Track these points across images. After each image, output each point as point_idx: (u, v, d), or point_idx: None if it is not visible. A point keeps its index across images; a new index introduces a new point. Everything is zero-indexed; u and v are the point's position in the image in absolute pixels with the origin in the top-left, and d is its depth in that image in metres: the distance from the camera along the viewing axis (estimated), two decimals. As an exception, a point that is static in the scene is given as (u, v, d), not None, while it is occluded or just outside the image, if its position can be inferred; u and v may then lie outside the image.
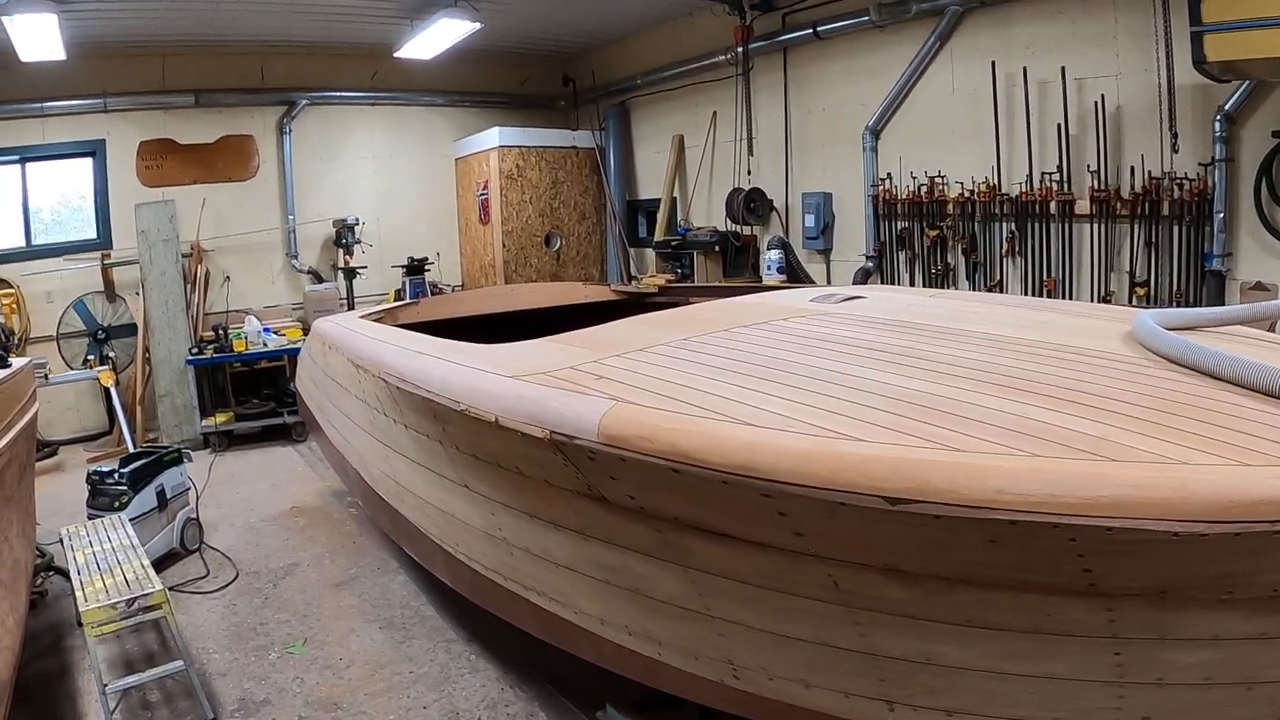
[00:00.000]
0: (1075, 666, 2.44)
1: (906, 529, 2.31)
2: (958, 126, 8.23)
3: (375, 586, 6.23)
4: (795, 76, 9.92)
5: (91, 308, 10.95)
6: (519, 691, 4.76)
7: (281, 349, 10.67)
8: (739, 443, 2.54)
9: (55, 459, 10.19)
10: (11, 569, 4.73)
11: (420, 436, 4.33)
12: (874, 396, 2.75)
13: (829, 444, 2.44)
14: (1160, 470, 2.11)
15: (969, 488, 2.18)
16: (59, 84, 10.33)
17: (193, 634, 5.54)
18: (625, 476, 2.87)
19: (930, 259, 8.45)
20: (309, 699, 4.81)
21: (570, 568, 3.57)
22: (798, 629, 2.83)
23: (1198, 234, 6.60)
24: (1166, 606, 2.27)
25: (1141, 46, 6.71)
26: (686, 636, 3.21)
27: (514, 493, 3.65)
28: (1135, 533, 2.05)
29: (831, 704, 2.91)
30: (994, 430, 2.40)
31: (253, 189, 11.95)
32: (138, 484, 6.52)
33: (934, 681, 2.66)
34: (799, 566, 2.65)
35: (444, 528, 4.65)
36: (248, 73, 11.67)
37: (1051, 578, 2.28)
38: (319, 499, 8.32)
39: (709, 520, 2.77)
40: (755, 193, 10.25)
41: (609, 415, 2.86)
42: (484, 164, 12.43)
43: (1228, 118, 6.29)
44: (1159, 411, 2.43)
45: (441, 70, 12.28)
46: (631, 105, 12.78)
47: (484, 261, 12.80)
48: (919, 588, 2.49)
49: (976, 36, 8.01)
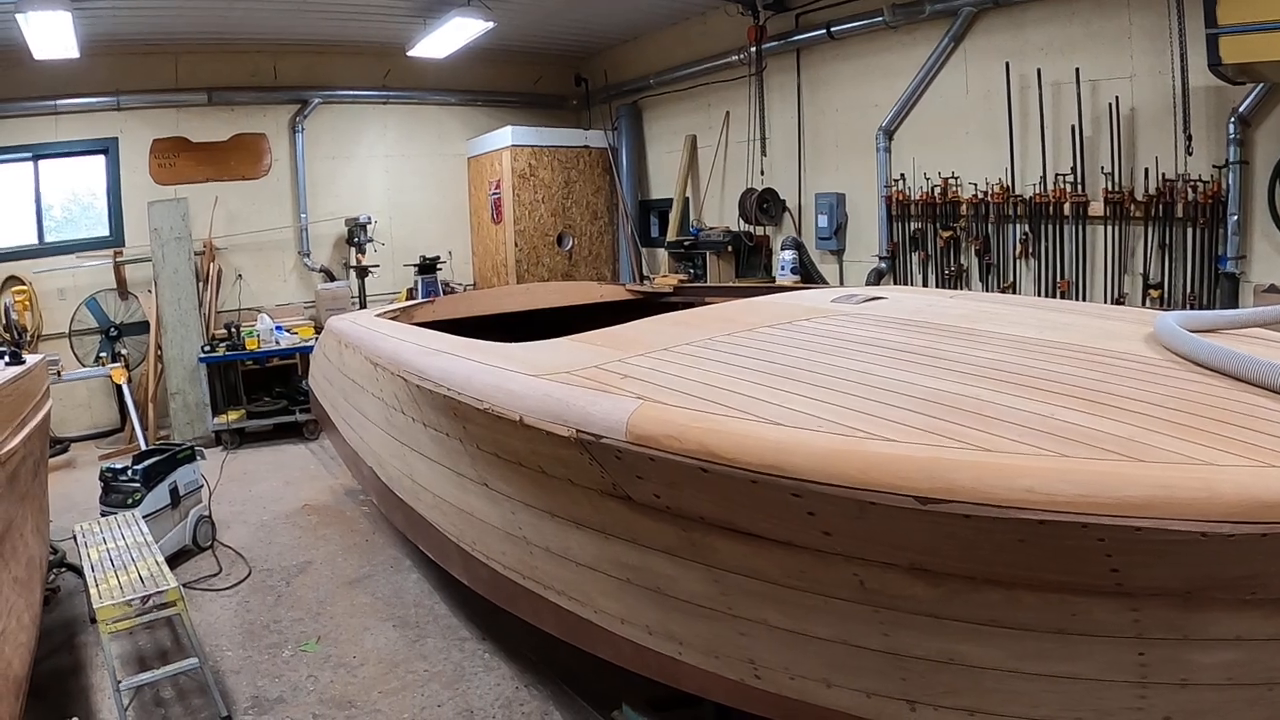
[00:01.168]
0: (1099, 667, 2.44)
1: (935, 528, 2.32)
2: (971, 127, 8.23)
3: (388, 585, 6.24)
4: (808, 77, 9.92)
5: (104, 305, 11.00)
6: (533, 691, 4.77)
7: (293, 347, 10.72)
8: (769, 442, 2.54)
9: (67, 456, 10.22)
10: (27, 565, 4.75)
11: (440, 435, 4.33)
12: (901, 396, 2.76)
13: (859, 443, 2.45)
14: (1187, 471, 2.12)
15: (999, 487, 2.18)
16: (72, 82, 10.37)
17: (205, 631, 5.55)
18: (652, 476, 2.87)
19: (943, 260, 8.45)
20: (323, 697, 4.82)
21: (591, 567, 3.57)
22: (821, 628, 2.83)
23: (1211, 236, 6.59)
24: (1191, 607, 2.27)
25: (1156, 48, 6.70)
26: (708, 636, 3.21)
27: (535, 491, 3.65)
28: (1162, 533, 2.05)
29: (853, 704, 2.91)
30: (1021, 430, 2.41)
31: (265, 187, 11.99)
32: (151, 481, 6.53)
33: (956, 681, 2.66)
34: (825, 565, 2.65)
35: (462, 526, 4.65)
36: (260, 71, 11.70)
37: (1079, 578, 2.28)
38: (331, 497, 8.33)
39: (735, 519, 2.77)
40: (768, 193, 10.26)
41: (637, 414, 2.87)
42: (496, 163, 12.45)
43: (1242, 120, 6.27)
44: (1184, 413, 2.43)
45: (454, 69, 12.32)
46: (644, 105, 12.80)
47: (496, 261, 12.82)
48: (945, 587, 2.49)
49: (990, 37, 8.01)
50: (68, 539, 6.12)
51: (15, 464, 4.61)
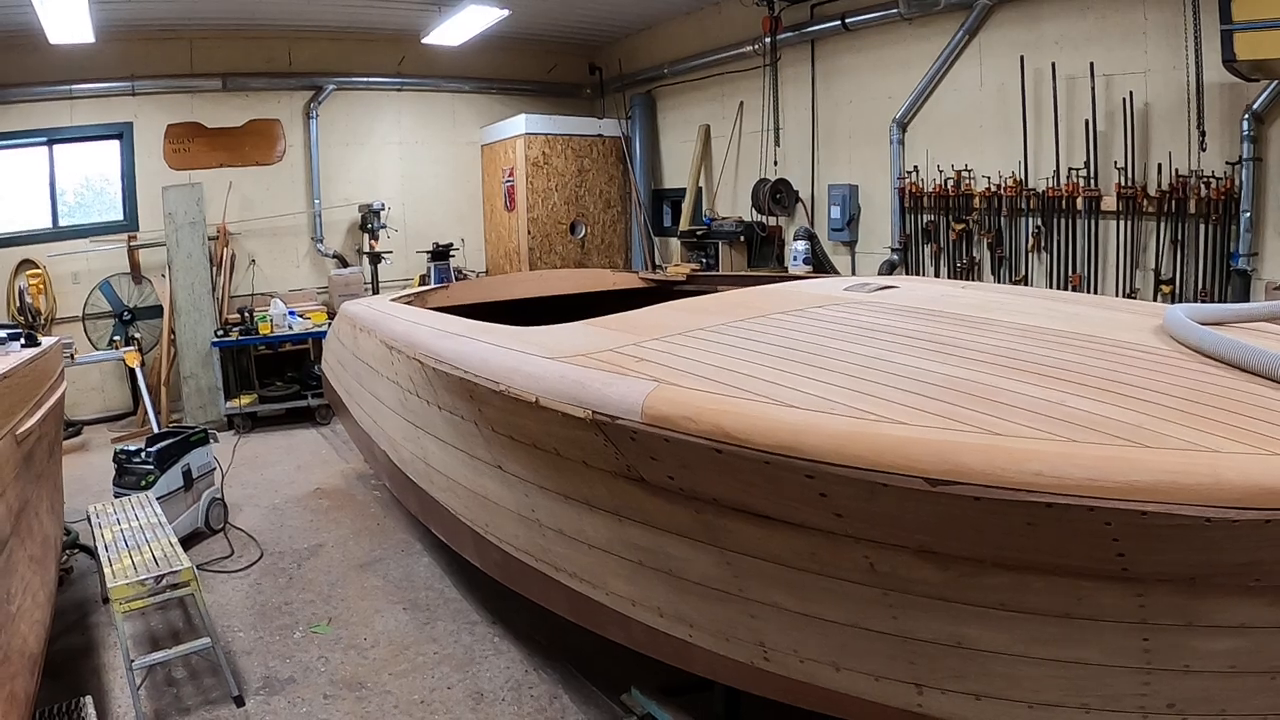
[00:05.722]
0: (1104, 652, 2.46)
1: (945, 510, 2.34)
2: (985, 121, 8.23)
3: (399, 568, 6.29)
4: (823, 68, 9.93)
5: (117, 289, 11.06)
6: (543, 674, 4.80)
7: (306, 332, 10.76)
8: (783, 424, 2.57)
9: (80, 438, 10.29)
10: (42, 544, 4.78)
11: (454, 418, 4.36)
12: (913, 381, 2.78)
13: (871, 426, 2.47)
14: (1193, 457, 2.14)
15: (1008, 470, 2.21)
16: (87, 66, 10.42)
17: (217, 612, 5.59)
18: (666, 457, 2.89)
19: (955, 253, 8.46)
20: (333, 678, 4.86)
21: (604, 549, 3.59)
22: (831, 611, 2.86)
23: (1224, 233, 6.58)
24: (1195, 593, 2.28)
25: (1171, 44, 6.70)
26: (719, 618, 3.23)
27: (550, 474, 3.67)
28: (1168, 518, 2.08)
29: (862, 687, 2.94)
30: (1031, 416, 2.43)
31: (279, 173, 12.03)
32: (164, 463, 6.58)
33: (964, 665, 2.68)
34: (836, 548, 2.67)
35: (475, 509, 4.67)
36: (275, 57, 11.74)
37: (1085, 562, 2.30)
38: (343, 481, 8.38)
39: (748, 501, 2.79)
40: (781, 183, 10.26)
41: (653, 395, 2.89)
42: (510, 151, 12.47)
43: (1256, 117, 6.27)
44: (1192, 402, 2.45)
45: (468, 57, 12.34)
46: (658, 94, 12.80)
47: (509, 248, 12.85)
48: (953, 570, 2.51)
49: (1005, 31, 8.00)
50: (81, 520, 6.17)
51: (31, 444, 4.64)
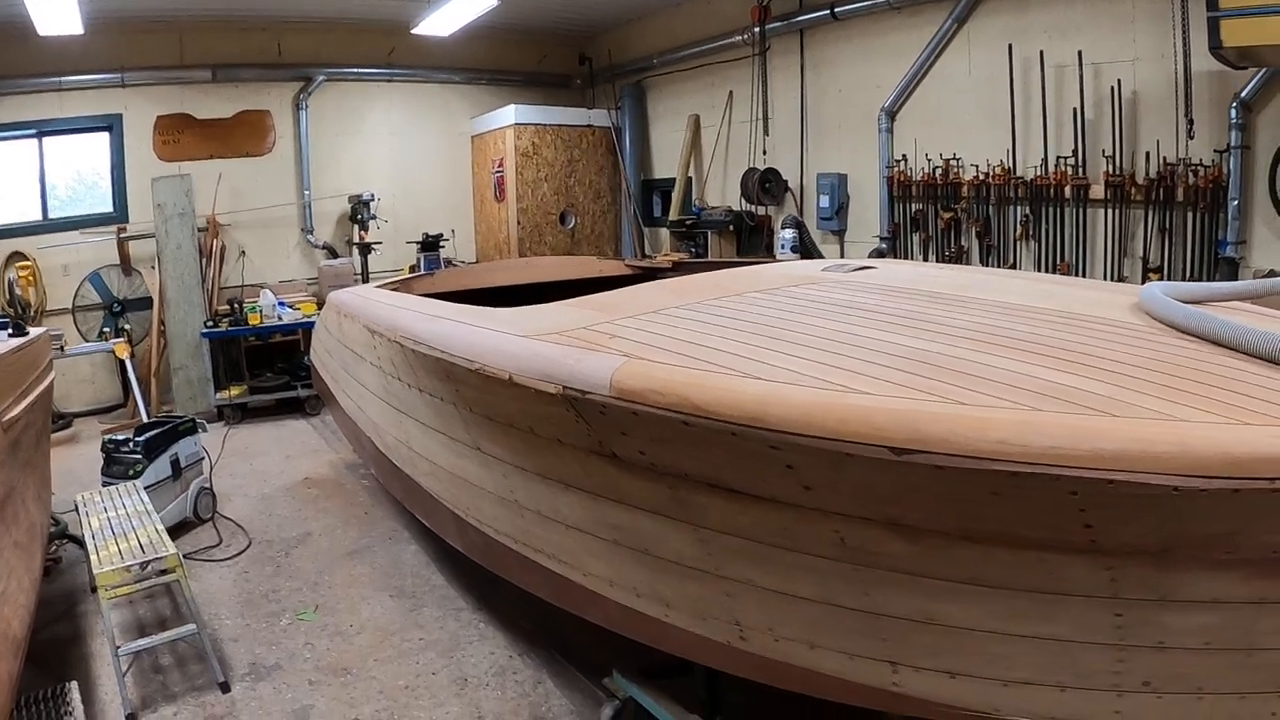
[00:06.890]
0: (1077, 628, 2.45)
1: (911, 481, 2.33)
2: (973, 109, 8.23)
3: (386, 556, 6.30)
4: (812, 57, 9.92)
5: (107, 281, 11.04)
6: (527, 659, 4.82)
7: (296, 323, 10.74)
8: (748, 395, 2.56)
9: (70, 430, 10.28)
10: (28, 531, 4.78)
11: (434, 400, 4.37)
12: (883, 355, 2.77)
13: (836, 396, 2.46)
14: (1161, 426, 2.12)
15: (971, 438, 2.19)
16: (77, 58, 10.41)
17: (205, 600, 5.60)
18: (636, 431, 2.89)
19: (944, 241, 8.46)
20: (319, 664, 4.88)
21: (580, 529, 3.60)
22: (804, 587, 2.85)
23: (1212, 221, 6.59)
24: (1166, 566, 2.27)
25: (1159, 31, 6.69)
26: (694, 597, 3.23)
27: (526, 453, 3.67)
28: (1136, 486, 2.06)
29: (836, 666, 2.93)
30: (999, 387, 2.42)
31: (269, 164, 12.03)
32: (152, 452, 6.58)
33: (937, 642, 2.67)
34: (806, 522, 2.67)
35: (456, 492, 4.68)
36: (265, 48, 11.72)
37: (1053, 533, 2.29)
38: (331, 471, 8.39)
39: (719, 476, 2.79)
40: (770, 173, 10.27)
41: (621, 370, 2.89)
42: (500, 142, 12.46)
43: (1244, 105, 6.28)
44: (1162, 374, 2.44)
45: (459, 48, 12.31)
46: (648, 85, 12.80)
47: (499, 239, 12.84)
48: (922, 544, 2.50)
49: (994, 19, 8.01)
50: (70, 511, 6.17)
51: (18, 431, 4.65)
